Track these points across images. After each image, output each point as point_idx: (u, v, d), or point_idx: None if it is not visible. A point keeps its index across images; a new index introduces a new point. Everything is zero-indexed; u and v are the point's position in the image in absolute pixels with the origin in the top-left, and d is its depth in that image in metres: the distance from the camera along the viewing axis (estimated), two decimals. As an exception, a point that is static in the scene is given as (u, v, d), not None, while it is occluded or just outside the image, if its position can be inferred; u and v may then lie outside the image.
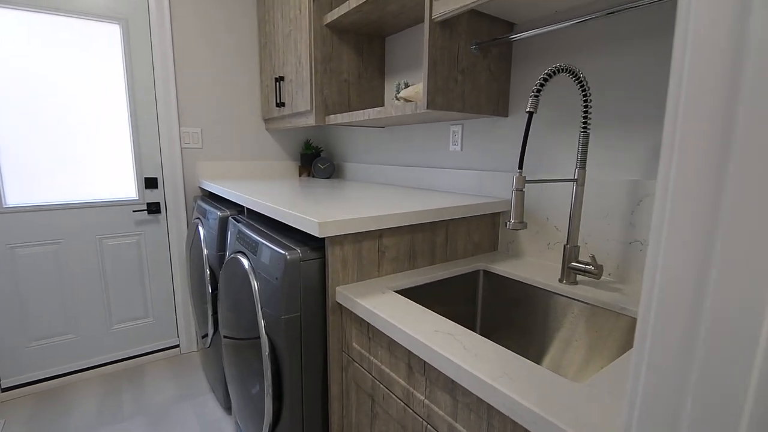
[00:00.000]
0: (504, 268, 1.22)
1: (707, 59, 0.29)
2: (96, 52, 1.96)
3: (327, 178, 2.36)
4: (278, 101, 2.10)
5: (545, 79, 0.92)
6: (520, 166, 0.93)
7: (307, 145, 2.49)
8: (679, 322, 0.32)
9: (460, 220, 1.29)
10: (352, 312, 1.02)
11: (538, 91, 0.91)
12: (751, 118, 0.27)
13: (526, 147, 1.18)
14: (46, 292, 1.97)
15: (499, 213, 1.41)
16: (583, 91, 0.98)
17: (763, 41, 0.26)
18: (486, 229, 1.38)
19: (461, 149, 1.59)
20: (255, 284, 1.21)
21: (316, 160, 2.37)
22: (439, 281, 1.18)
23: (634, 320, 0.94)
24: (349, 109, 1.90)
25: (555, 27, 1.07)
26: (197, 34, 2.17)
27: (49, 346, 2.01)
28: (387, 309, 0.90)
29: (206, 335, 1.89)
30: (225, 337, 1.49)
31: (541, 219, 1.29)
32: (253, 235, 1.26)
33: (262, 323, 1.13)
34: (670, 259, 0.32)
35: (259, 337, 1.16)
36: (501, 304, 1.23)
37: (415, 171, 1.82)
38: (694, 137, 0.30)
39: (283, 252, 1.04)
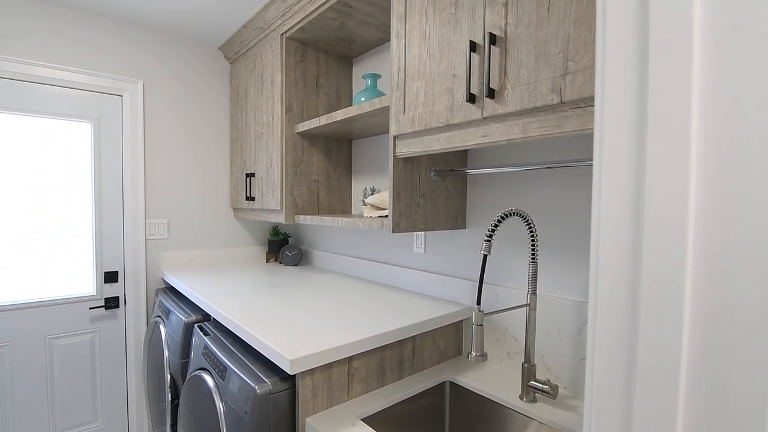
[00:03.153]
0: (468, 381, 1.28)
1: (615, 223, 0.39)
2: (63, 148, 1.97)
3: (295, 265, 2.39)
4: (248, 195, 2.16)
5: (497, 224, 1.04)
6: (479, 302, 1.02)
7: (275, 231, 2.53)
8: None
9: (426, 331, 1.35)
10: (322, 446, 1.03)
11: (490, 235, 1.02)
12: (651, 259, 0.36)
13: (487, 262, 1.29)
14: (-19, 402, 1.80)
15: (462, 320, 1.48)
16: (530, 229, 1.11)
17: (655, 214, 0.36)
18: (450, 335, 1.45)
19: (424, 252, 1.70)
20: (220, 405, 1.19)
21: (284, 248, 2.40)
22: (407, 399, 1.21)
23: (588, 446, 1.00)
24: (318, 206, 1.98)
25: (503, 170, 1.22)
26: (169, 129, 2.24)
27: (-22, 465, 1.80)
28: (357, 449, 0.92)
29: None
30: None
31: (500, 329, 1.38)
32: (220, 356, 1.26)
33: (228, 456, 1.10)
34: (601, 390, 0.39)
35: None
36: (467, 419, 1.27)
37: (381, 267, 1.89)
38: (610, 272, 0.40)
39: (254, 385, 1.05)
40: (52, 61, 1.90)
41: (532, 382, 1.15)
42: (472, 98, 1.01)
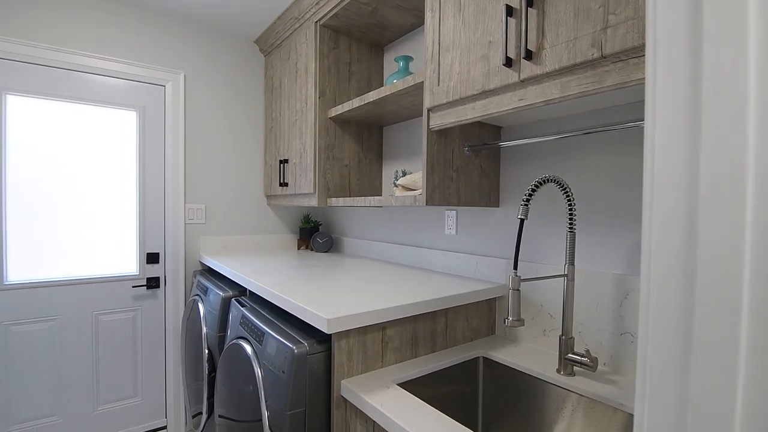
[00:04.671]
0: (503, 356, 1.26)
1: (670, 173, 0.37)
2: (111, 135, 2.09)
3: (325, 252, 2.42)
4: (282, 181, 2.22)
5: (534, 189, 1.03)
6: (515, 266, 1.01)
7: (306, 219, 2.59)
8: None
9: (459, 306, 1.35)
10: (356, 407, 1.04)
11: (528, 200, 1.02)
12: (709, 221, 0.34)
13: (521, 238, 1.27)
14: (36, 371, 1.92)
15: (495, 298, 1.47)
16: (567, 197, 1.10)
17: (712, 163, 0.34)
18: (484, 314, 1.43)
19: (456, 233, 1.69)
20: (258, 371, 1.22)
21: (315, 235, 2.45)
22: (440, 370, 1.21)
23: (630, 416, 0.97)
24: (350, 190, 2.02)
25: (537, 140, 1.21)
26: (208, 119, 2.34)
27: (31, 431, 1.92)
28: (392, 408, 0.93)
29: (198, 414, 1.84)
30: (221, 416, 1.46)
31: (536, 306, 1.35)
32: (258, 322, 1.29)
33: (265, 416, 1.13)
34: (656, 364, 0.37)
35: (260, 420, 1.15)
36: (502, 393, 1.25)
37: (412, 250, 1.90)
38: (665, 241, 0.37)
39: (291, 345, 1.07)
40: (101, 52, 2.03)
41: (570, 354, 1.12)
42: (509, 62, 1.01)
